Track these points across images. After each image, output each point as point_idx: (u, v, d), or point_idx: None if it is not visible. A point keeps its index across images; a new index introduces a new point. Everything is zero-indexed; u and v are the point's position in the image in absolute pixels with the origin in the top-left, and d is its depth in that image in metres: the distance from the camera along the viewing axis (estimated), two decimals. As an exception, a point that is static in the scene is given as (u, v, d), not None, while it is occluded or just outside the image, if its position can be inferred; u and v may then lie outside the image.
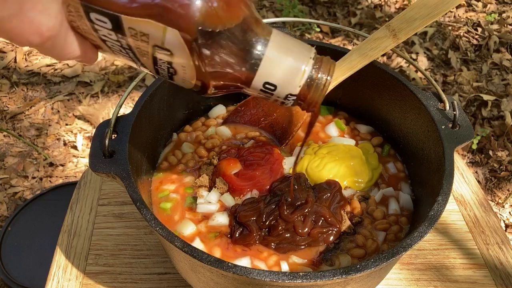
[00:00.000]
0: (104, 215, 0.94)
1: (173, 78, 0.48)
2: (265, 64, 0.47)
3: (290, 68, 0.48)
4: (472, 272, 0.85)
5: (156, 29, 0.42)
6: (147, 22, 0.41)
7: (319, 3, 2.87)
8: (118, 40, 0.44)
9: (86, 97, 2.24)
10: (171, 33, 0.42)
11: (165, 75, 0.48)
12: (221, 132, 0.89)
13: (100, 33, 0.44)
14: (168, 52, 0.44)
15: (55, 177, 1.92)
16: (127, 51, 0.46)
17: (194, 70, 0.45)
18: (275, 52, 0.47)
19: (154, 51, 0.44)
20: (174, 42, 0.42)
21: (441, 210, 0.62)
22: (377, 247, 0.73)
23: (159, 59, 0.45)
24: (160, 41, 0.43)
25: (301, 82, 0.48)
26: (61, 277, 0.84)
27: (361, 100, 0.91)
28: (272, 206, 0.73)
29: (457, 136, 0.72)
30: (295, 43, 0.49)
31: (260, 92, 0.50)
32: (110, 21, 0.42)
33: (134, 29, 0.42)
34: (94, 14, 0.42)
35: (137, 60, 0.47)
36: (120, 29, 0.43)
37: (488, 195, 1.90)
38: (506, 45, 2.51)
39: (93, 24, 0.43)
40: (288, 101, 0.51)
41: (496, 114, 2.15)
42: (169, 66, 0.46)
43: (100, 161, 0.68)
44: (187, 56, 0.44)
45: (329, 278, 0.54)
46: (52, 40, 0.43)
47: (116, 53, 0.47)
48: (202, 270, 0.62)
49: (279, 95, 0.49)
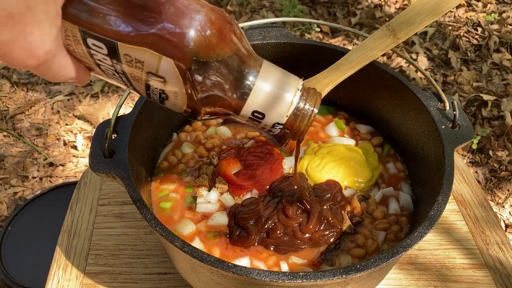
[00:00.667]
0: (104, 215, 0.94)
1: (164, 102, 0.49)
2: (254, 94, 0.49)
3: (279, 99, 0.50)
4: (472, 272, 0.85)
5: (151, 57, 0.43)
6: (143, 50, 0.42)
7: (319, 3, 2.87)
8: (113, 65, 0.45)
9: (86, 97, 2.24)
10: (166, 61, 0.43)
11: (156, 99, 0.49)
12: (221, 132, 0.89)
13: (96, 58, 0.45)
14: (161, 79, 0.45)
15: (55, 177, 1.92)
16: (121, 76, 0.47)
17: (185, 97, 0.47)
18: (265, 83, 0.49)
19: (148, 78, 0.45)
20: (168, 71, 0.44)
21: (441, 210, 0.62)
22: (377, 246, 0.73)
23: (152, 85, 0.46)
24: (154, 69, 0.44)
25: (288, 112, 0.51)
26: (61, 277, 0.84)
27: (361, 100, 0.91)
28: (271, 209, 0.73)
29: (457, 136, 0.72)
30: (284, 74, 0.51)
31: (248, 120, 0.52)
32: (107, 47, 0.43)
33: (130, 55, 0.43)
34: (91, 40, 0.43)
35: (129, 84, 0.48)
36: (116, 55, 0.43)
37: (488, 195, 1.90)
38: (506, 45, 2.51)
39: (89, 49, 0.44)
40: (275, 129, 0.53)
41: (496, 114, 2.15)
42: (161, 92, 0.47)
43: (100, 161, 0.68)
44: (180, 84, 0.45)
45: (329, 278, 0.54)
46: (48, 63, 0.43)
47: (110, 77, 0.48)
48: (202, 270, 0.62)
49: (267, 123, 0.52)
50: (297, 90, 0.51)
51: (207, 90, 0.47)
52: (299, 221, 0.72)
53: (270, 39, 0.86)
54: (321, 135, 0.90)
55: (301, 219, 0.72)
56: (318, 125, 0.92)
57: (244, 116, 0.51)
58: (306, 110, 0.52)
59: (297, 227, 0.72)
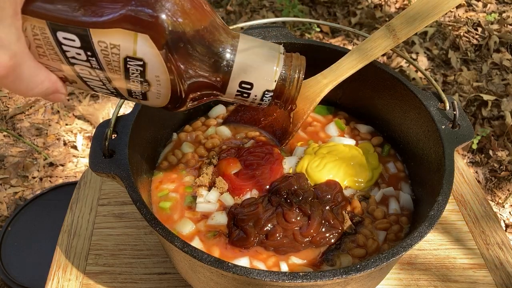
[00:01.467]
0: (104, 215, 0.94)
1: (147, 95, 0.48)
2: (239, 64, 0.48)
3: (264, 65, 0.50)
4: (472, 272, 0.85)
5: (126, 38, 0.42)
6: (116, 32, 0.41)
7: (319, 3, 2.87)
8: (88, 59, 0.43)
9: (86, 97, 2.24)
10: (142, 39, 0.42)
11: (138, 93, 0.47)
12: (221, 132, 0.89)
13: (69, 55, 0.43)
14: (140, 62, 0.43)
15: (55, 177, 1.92)
16: (98, 73, 0.45)
17: (168, 81, 0.45)
18: (247, 51, 0.49)
19: (126, 64, 0.44)
20: (146, 49, 0.43)
21: (441, 210, 0.62)
22: (377, 246, 0.73)
23: (132, 75, 0.45)
24: (131, 50, 0.42)
25: (276, 77, 0.50)
26: (61, 277, 0.84)
27: (361, 100, 0.91)
28: (271, 211, 0.73)
29: (457, 136, 0.72)
30: (264, 42, 0.51)
31: (237, 94, 0.51)
32: (79, 37, 0.42)
33: (104, 41, 0.42)
34: (62, 33, 0.41)
35: (108, 83, 0.46)
36: (90, 45, 0.42)
37: (488, 195, 1.90)
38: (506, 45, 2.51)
39: (60, 45, 0.42)
40: (265, 99, 0.52)
41: (496, 114, 2.15)
42: (142, 79, 0.45)
43: (100, 161, 0.68)
44: (160, 63, 0.44)
45: (329, 278, 0.54)
46: (17, 70, 0.40)
47: (87, 81, 0.46)
48: (202, 270, 0.62)
49: (256, 93, 0.51)
50: (280, 54, 0.51)
51: (189, 66, 0.45)
52: (300, 224, 0.72)
53: (270, 39, 0.86)
54: (321, 135, 0.90)
55: (301, 223, 0.72)
56: (318, 125, 0.92)
57: (231, 92, 0.50)
58: (293, 73, 0.52)
59: (297, 230, 0.71)
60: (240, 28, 0.86)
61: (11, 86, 0.41)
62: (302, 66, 0.53)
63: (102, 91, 0.48)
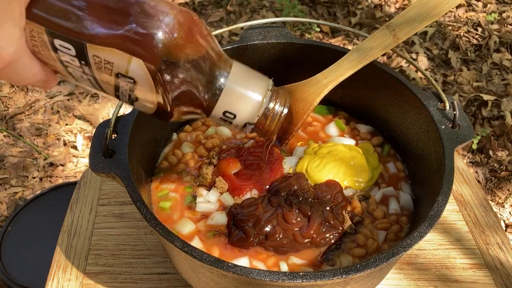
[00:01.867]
0: (104, 215, 0.94)
1: (134, 104, 0.49)
2: (226, 95, 0.49)
3: (250, 99, 0.51)
4: (472, 272, 0.85)
5: (121, 58, 0.43)
6: (112, 51, 0.42)
7: (319, 3, 2.87)
8: (81, 66, 0.45)
9: (86, 97, 2.24)
10: (136, 62, 0.43)
11: (125, 100, 0.49)
12: (221, 132, 0.89)
13: (63, 59, 0.44)
14: (131, 80, 0.45)
15: (55, 177, 1.92)
16: (89, 77, 0.46)
17: (155, 98, 0.47)
18: (235, 84, 0.50)
19: (117, 79, 0.45)
20: (138, 71, 0.44)
21: (441, 210, 0.62)
22: (377, 246, 0.73)
23: (121, 87, 0.46)
24: (124, 70, 0.44)
25: (259, 112, 0.52)
26: (61, 277, 0.84)
27: (361, 100, 0.91)
28: (270, 212, 0.73)
29: (457, 136, 0.72)
30: (255, 75, 0.52)
31: (219, 120, 0.52)
32: (75, 48, 0.43)
33: (99, 57, 0.43)
34: (59, 41, 0.42)
35: (98, 86, 0.48)
36: (84, 57, 0.43)
37: (488, 195, 1.90)
38: (506, 45, 2.51)
39: (56, 50, 0.43)
40: (246, 129, 0.54)
41: (496, 114, 2.15)
42: (131, 93, 0.47)
43: (100, 161, 0.68)
44: (150, 85, 0.45)
45: (329, 278, 0.54)
46: (13, 65, 0.42)
47: (77, 79, 0.48)
48: (202, 270, 0.62)
49: (238, 123, 0.52)
50: (268, 90, 0.52)
51: (177, 91, 0.47)
52: (300, 225, 0.72)
53: (270, 39, 0.86)
54: (321, 135, 0.90)
55: (301, 224, 0.72)
56: (318, 125, 0.92)
57: (215, 117, 0.52)
58: (276, 110, 0.54)
59: (297, 231, 0.71)
60: (240, 28, 0.86)
61: (4, 77, 0.43)
62: (287, 103, 0.55)
63: (92, 88, 0.50)
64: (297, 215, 0.72)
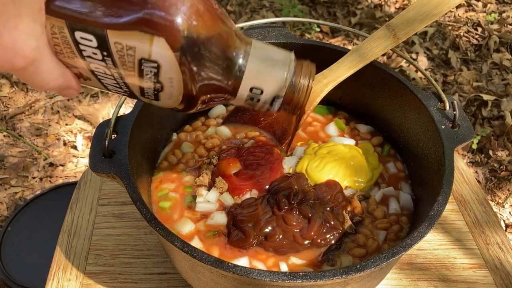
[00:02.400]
0: (104, 215, 0.94)
1: (159, 96, 0.48)
2: (250, 69, 0.49)
3: (275, 72, 0.50)
4: (472, 272, 0.85)
5: (143, 40, 0.42)
6: (133, 34, 0.42)
7: (319, 3, 2.87)
8: (104, 59, 0.44)
9: (86, 97, 2.24)
10: (158, 42, 0.43)
11: (150, 94, 0.48)
12: (221, 132, 0.89)
13: (85, 54, 0.44)
14: (155, 64, 0.44)
15: (55, 177, 1.92)
16: (112, 73, 0.46)
17: (181, 82, 0.46)
18: (258, 57, 0.49)
19: (141, 66, 0.44)
20: (161, 52, 0.43)
21: (441, 210, 0.62)
22: (378, 246, 0.73)
23: (145, 76, 0.46)
24: (147, 53, 0.43)
25: (286, 83, 0.51)
26: (61, 277, 0.84)
27: (361, 100, 0.91)
28: (270, 213, 0.73)
29: (457, 136, 0.72)
30: (276, 48, 0.52)
31: (247, 99, 0.51)
32: (96, 38, 0.42)
33: (120, 43, 0.43)
34: (80, 32, 0.42)
35: (122, 83, 0.47)
36: (106, 46, 0.43)
37: (488, 195, 1.90)
38: (506, 45, 2.51)
39: (77, 44, 0.43)
40: (275, 104, 0.52)
41: (496, 114, 2.15)
42: (155, 81, 0.46)
43: (100, 161, 0.68)
44: (174, 66, 0.44)
45: (329, 278, 0.54)
46: (36, 64, 0.41)
47: (101, 79, 0.47)
48: (202, 270, 0.62)
49: (266, 99, 0.51)
50: (291, 61, 0.51)
51: (202, 69, 0.46)
52: (300, 226, 0.72)
53: (270, 39, 0.86)
54: (321, 135, 0.90)
55: (301, 225, 0.72)
56: (318, 125, 0.92)
57: (241, 96, 0.51)
58: (303, 81, 0.52)
59: (298, 232, 0.71)
60: (240, 28, 0.86)
61: (27, 78, 0.42)
62: (312, 74, 0.53)
63: (115, 90, 0.49)
64: (297, 217, 0.72)
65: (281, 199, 0.73)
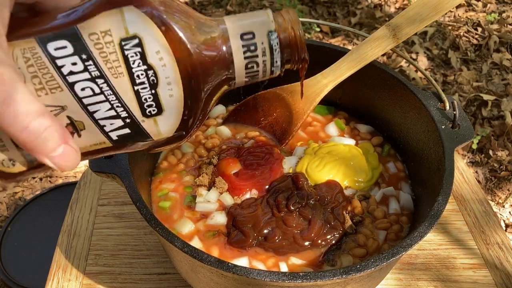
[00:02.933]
0: (104, 215, 0.94)
1: (158, 93, 0.43)
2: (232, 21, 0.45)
3: (254, 15, 0.46)
4: (472, 272, 0.85)
5: (114, 18, 0.40)
6: (102, 16, 0.40)
7: (319, 3, 2.87)
8: (86, 67, 0.40)
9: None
10: (128, 11, 0.40)
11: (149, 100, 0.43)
12: (221, 132, 0.89)
13: (65, 71, 0.40)
14: (136, 40, 0.41)
15: (55, 177, 1.92)
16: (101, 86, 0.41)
17: (171, 54, 0.42)
18: (235, 16, 0.46)
19: (124, 51, 0.41)
20: (135, 20, 0.40)
21: (441, 210, 0.62)
22: (378, 246, 0.73)
23: (132, 62, 0.41)
24: (123, 29, 0.40)
25: (270, 17, 0.46)
26: (61, 277, 0.84)
27: (361, 100, 0.91)
28: (270, 214, 0.73)
29: (457, 136, 0.72)
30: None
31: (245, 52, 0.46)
32: (69, 40, 0.40)
33: (94, 31, 0.40)
34: (52, 43, 0.40)
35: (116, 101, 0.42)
36: (82, 44, 0.40)
37: (488, 195, 1.90)
38: (506, 45, 2.51)
39: (54, 60, 0.40)
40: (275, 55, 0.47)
41: (496, 114, 2.15)
42: (146, 67, 0.42)
43: (100, 161, 0.68)
44: (154, 31, 0.41)
45: (329, 278, 0.54)
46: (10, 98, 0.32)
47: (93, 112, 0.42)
48: (202, 270, 0.61)
49: (261, 40, 0.46)
50: (269, 10, 0.47)
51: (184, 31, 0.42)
52: (300, 228, 0.72)
53: (270, 39, 0.86)
54: (321, 135, 0.90)
55: (301, 226, 0.72)
56: (318, 125, 0.92)
57: (238, 53, 0.45)
58: (286, 15, 0.48)
59: (298, 234, 0.71)
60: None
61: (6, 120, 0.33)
62: (292, 10, 0.49)
63: (112, 126, 0.43)
64: (297, 218, 0.72)
65: (281, 201, 0.73)
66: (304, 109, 0.80)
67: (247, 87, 0.93)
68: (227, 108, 0.95)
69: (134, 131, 0.44)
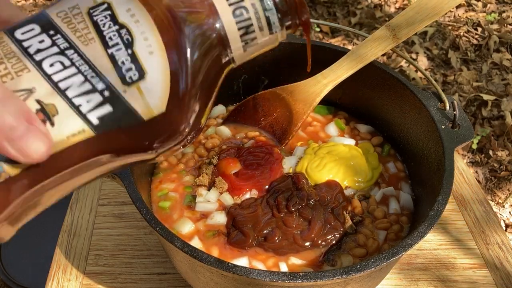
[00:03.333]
0: (104, 215, 0.94)
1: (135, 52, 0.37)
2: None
3: None
4: (472, 272, 0.85)
5: None
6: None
7: (319, 3, 2.87)
8: (54, 42, 0.37)
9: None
10: None
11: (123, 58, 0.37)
12: (221, 132, 0.89)
13: (32, 50, 0.36)
14: (105, 5, 0.37)
15: (55, 177, 1.92)
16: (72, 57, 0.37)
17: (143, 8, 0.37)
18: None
19: (92, 17, 0.37)
20: None
21: (441, 210, 0.62)
22: (378, 246, 0.73)
23: (103, 26, 0.37)
24: (91, 0, 0.37)
25: None
26: (61, 277, 0.84)
27: (361, 100, 0.91)
28: (270, 214, 0.73)
29: (457, 136, 0.72)
30: None
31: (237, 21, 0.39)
32: (37, 22, 0.37)
33: (62, 10, 0.37)
34: (19, 29, 0.37)
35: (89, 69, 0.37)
36: (50, 22, 0.37)
37: (488, 195, 1.90)
38: (506, 45, 2.51)
39: (20, 43, 0.36)
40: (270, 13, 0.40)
41: (496, 114, 2.15)
42: (118, 27, 0.37)
43: (100, 161, 0.68)
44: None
45: (329, 278, 0.54)
46: None
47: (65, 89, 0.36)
48: (202, 270, 0.62)
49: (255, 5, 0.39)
50: None
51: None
52: (300, 228, 0.72)
53: (270, 39, 0.86)
54: (321, 135, 0.90)
55: (302, 227, 0.72)
56: (318, 125, 0.92)
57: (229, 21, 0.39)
58: None
59: (298, 234, 0.71)
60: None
61: None
62: None
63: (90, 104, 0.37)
64: (297, 219, 0.72)
65: (281, 202, 0.73)
66: (304, 109, 0.80)
67: (247, 87, 0.93)
68: (227, 108, 0.95)
69: (117, 109, 0.36)
